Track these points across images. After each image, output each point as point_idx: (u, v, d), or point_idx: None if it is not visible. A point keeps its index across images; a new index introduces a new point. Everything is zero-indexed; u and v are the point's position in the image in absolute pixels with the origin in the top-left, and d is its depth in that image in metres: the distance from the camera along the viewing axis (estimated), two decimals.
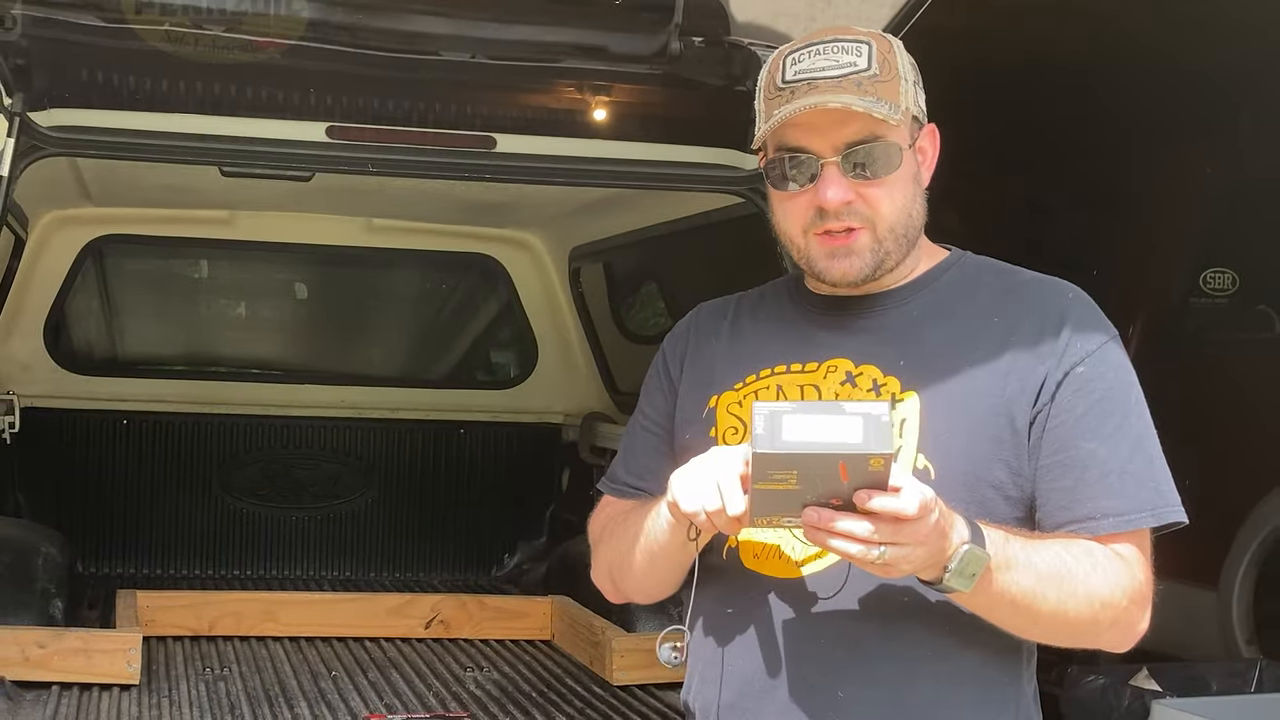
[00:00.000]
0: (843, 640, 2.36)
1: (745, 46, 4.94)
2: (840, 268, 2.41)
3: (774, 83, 2.41)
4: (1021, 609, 2.26)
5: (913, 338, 2.44)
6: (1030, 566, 2.24)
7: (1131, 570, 2.34)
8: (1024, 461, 2.36)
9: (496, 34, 4.86)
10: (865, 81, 2.35)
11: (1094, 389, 2.36)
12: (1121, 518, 2.33)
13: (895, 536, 2.06)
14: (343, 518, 7.14)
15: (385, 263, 7.40)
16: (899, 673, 2.36)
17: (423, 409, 7.25)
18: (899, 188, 2.40)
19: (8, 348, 6.66)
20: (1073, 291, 2.47)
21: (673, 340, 2.71)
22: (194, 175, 5.54)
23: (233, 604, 5.91)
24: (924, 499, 2.06)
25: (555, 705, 4.98)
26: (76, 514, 6.77)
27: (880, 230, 2.40)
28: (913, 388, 2.39)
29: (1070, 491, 2.34)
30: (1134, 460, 2.35)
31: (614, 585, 2.64)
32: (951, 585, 2.17)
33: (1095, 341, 2.39)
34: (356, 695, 5.02)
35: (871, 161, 2.37)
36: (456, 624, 5.98)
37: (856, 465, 2.01)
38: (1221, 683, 5.24)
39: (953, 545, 2.15)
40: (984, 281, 2.51)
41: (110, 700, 4.75)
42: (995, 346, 2.40)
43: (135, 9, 4.55)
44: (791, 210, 2.42)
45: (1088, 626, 2.33)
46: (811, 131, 2.37)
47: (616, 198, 5.89)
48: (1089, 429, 2.34)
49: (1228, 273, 7.91)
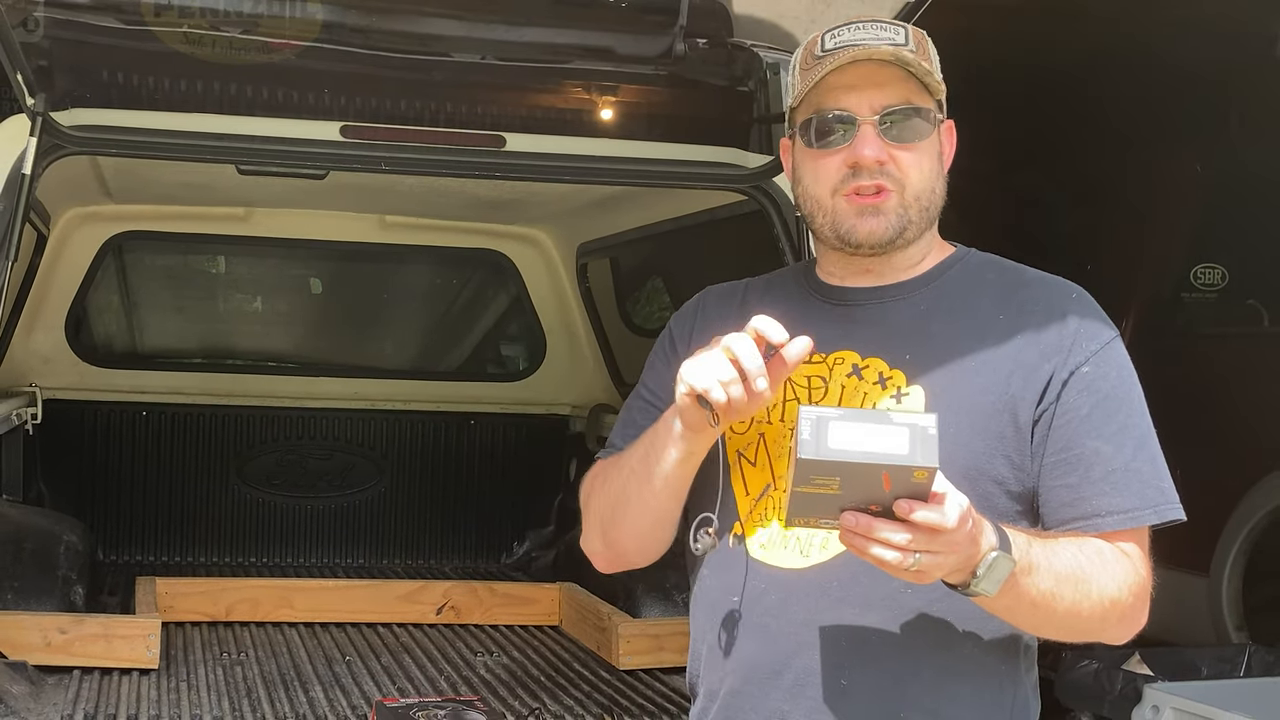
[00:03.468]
0: (846, 629, 2.35)
1: (748, 48, 4.94)
2: (868, 226, 2.40)
3: (811, 54, 2.42)
4: (1040, 610, 2.26)
5: (919, 332, 2.43)
6: (1050, 569, 2.24)
7: (1135, 567, 2.34)
8: (1026, 457, 2.36)
9: (506, 36, 4.87)
10: (905, 54, 2.37)
11: (1098, 388, 2.36)
12: (1126, 515, 2.33)
13: (931, 545, 2.04)
14: (356, 507, 7.14)
15: (397, 258, 7.40)
16: (902, 662, 2.35)
17: (434, 401, 7.25)
18: (928, 159, 2.42)
19: (31, 341, 6.66)
20: (1076, 291, 2.46)
21: (679, 319, 2.70)
22: (211, 173, 5.54)
23: (249, 590, 5.91)
24: (962, 510, 2.04)
25: (563, 689, 4.98)
26: (97, 503, 6.77)
27: (907, 195, 2.40)
28: (918, 382, 2.39)
29: (1074, 489, 2.34)
30: (1137, 458, 2.35)
31: (604, 542, 2.60)
32: (978, 590, 2.15)
33: (1099, 341, 2.39)
34: (370, 679, 5.02)
35: (907, 126, 2.39)
36: (467, 610, 5.98)
37: (900, 476, 1.98)
38: (1211, 667, 5.23)
39: (982, 551, 2.13)
40: (989, 278, 2.51)
41: (130, 684, 4.75)
42: (1000, 343, 2.39)
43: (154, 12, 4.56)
44: (823, 170, 2.42)
45: (1097, 623, 2.34)
46: (851, 93, 2.38)
47: (622, 195, 5.89)
48: (1093, 427, 2.34)
49: (1217, 268, 7.91)
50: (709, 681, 2.51)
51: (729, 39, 4.93)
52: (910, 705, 2.36)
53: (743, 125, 5.21)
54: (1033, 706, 2.49)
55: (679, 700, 4.74)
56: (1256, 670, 5.22)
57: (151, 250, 7.14)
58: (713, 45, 4.94)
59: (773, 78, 5.07)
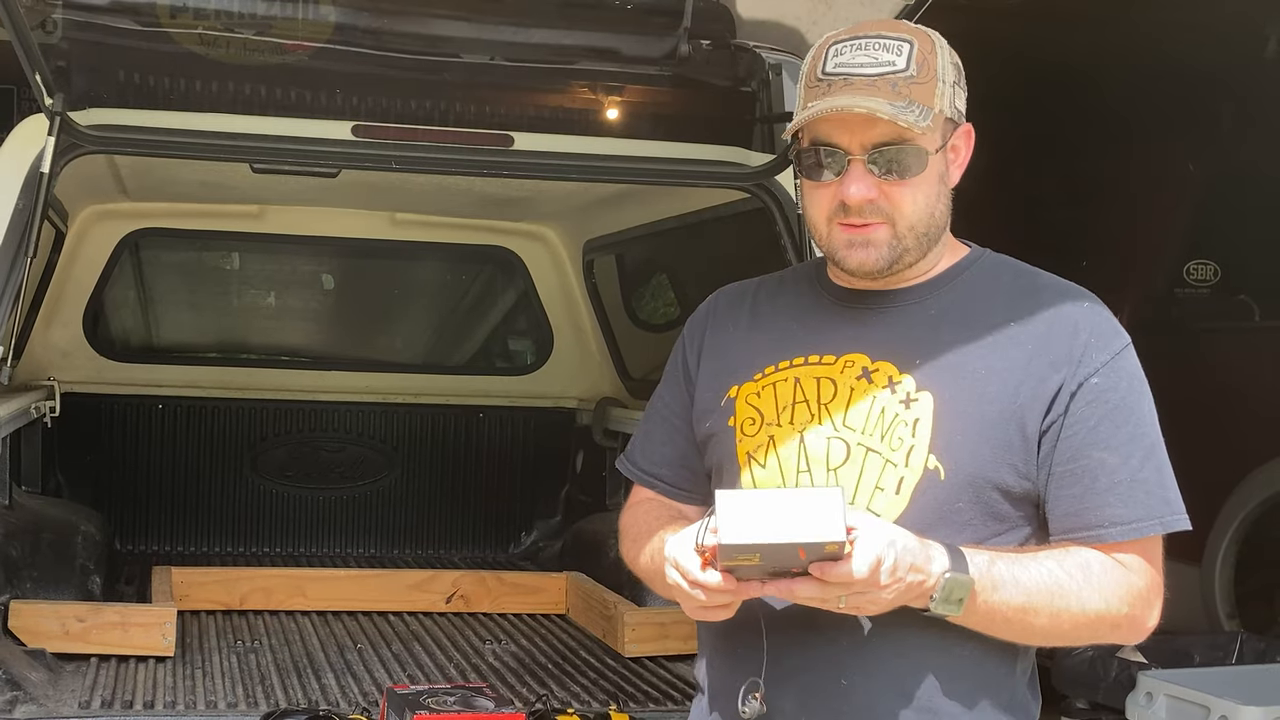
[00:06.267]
0: (847, 631, 2.34)
1: (750, 49, 4.94)
2: (858, 257, 2.38)
3: (815, 72, 2.38)
4: (1015, 624, 2.28)
5: (930, 337, 2.41)
6: (1018, 585, 2.24)
7: (1130, 578, 2.32)
8: (1032, 467, 2.34)
9: (514, 37, 4.87)
10: (901, 83, 2.32)
11: (1108, 399, 2.33)
12: (1130, 526, 2.31)
13: (850, 590, 2.14)
14: (367, 498, 7.14)
15: (408, 255, 7.40)
16: (901, 663, 2.35)
17: (443, 394, 7.24)
18: (922, 189, 2.37)
19: (49, 336, 6.66)
20: (1089, 300, 2.43)
21: (692, 326, 2.69)
22: (226, 172, 5.54)
23: (263, 580, 5.91)
24: (871, 562, 2.10)
25: (569, 676, 4.98)
26: (114, 494, 6.77)
27: (900, 227, 2.37)
28: (927, 388, 2.36)
29: (1079, 499, 2.32)
30: (1144, 469, 2.33)
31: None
32: (939, 612, 2.20)
33: (1110, 351, 2.36)
34: (381, 666, 5.02)
35: (896, 163, 2.34)
36: (476, 599, 5.97)
37: (813, 549, 2.10)
38: (1204, 655, 5.24)
39: (934, 577, 2.18)
40: (1003, 283, 2.48)
41: (146, 671, 4.75)
42: (1010, 351, 2.37)
43: (170, 14, 4.56)
44: (818, 199, 2.40)
45: (1086, 633, 2.35)
46: (842, 128, 2.34)
47: (628, 193, 5.88)
48: (1100, 438, 2.32)
49: (1210, 264, 7.91)
50: (713, 679, 2.52)
51: (732, 40, 4.93)
52: (910, 705, 2.35)
53: (745, 125, 5.21)
54: (1031, 706, 2.48)
55: (683, 687, 4.74)
56: (1248, 658, 5.23)
57: (167, 247, 7.14)
58: (716, 46, 4.94)
59: (774, 78, 5.07)
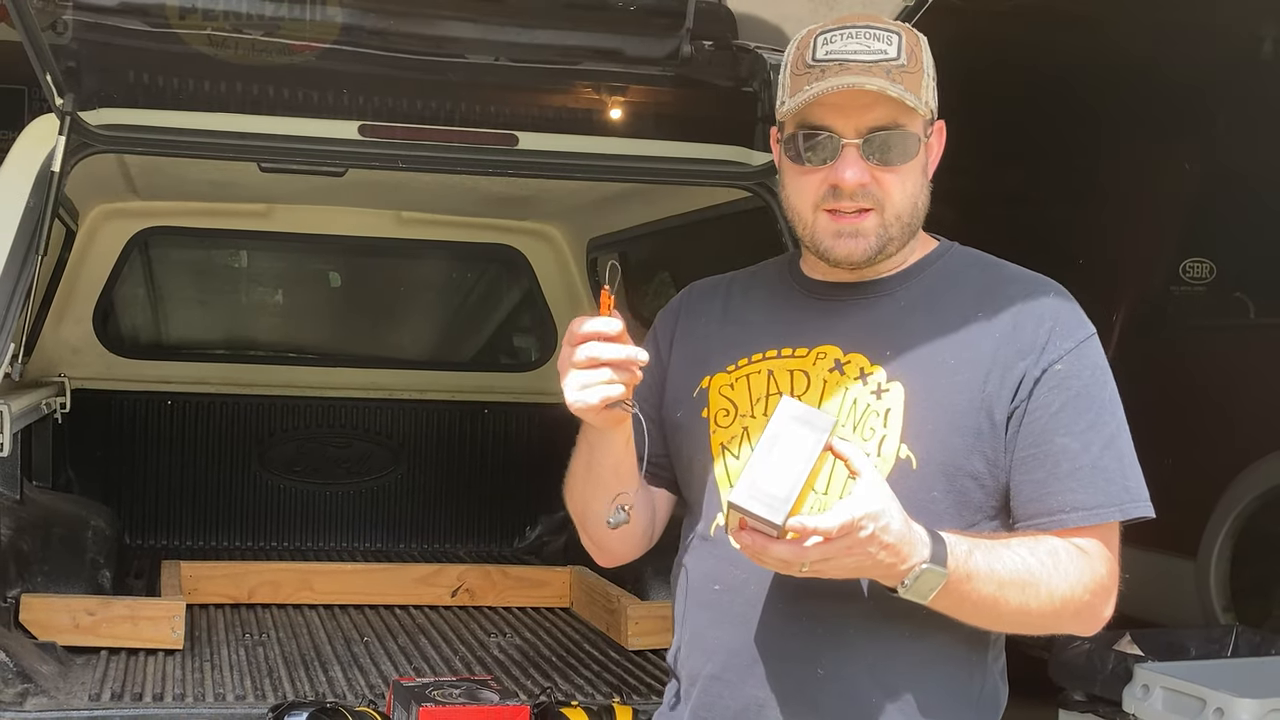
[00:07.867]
0: (824, 619, 2.34)
1: (752, 49, 4.94)
2: (846, 247, 2.38)
3: (803, 59, 2.36)
4: (984, 611, 2.28)
5: (900, 329, 2.41)
6: (992, 575, 2.24)
7: (1093, 565, 2.32)
8: (1001, 454, 2.34)
9: (519, 38, 4.86)
10: (894, 70, 2.31)
11: (1070, 386, 2.33)
12: (1089, 511, 2.31)
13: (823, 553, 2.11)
14: (374, 493, 7.14)
15: (413, 253, 7.40)
16: (877, 651, 2.35)
17: (449, 390, 7.24)
18: (911, 177, 2.37)
19: (60, 333, 6.66)
20: (1054, 289, 2.43)
21: (663, 317, 2.71)
22: (234, 171, 5.54)
23: (271, 574, 5.91)
24: (846, 520, 2.09)
25: (573, 668, 4.99)
26: (124, 489, 6.77)
27: (888, 215, 2.37)
28: (898, 378, 2.36)
29: (1041, 484, 2.33)
30: (1105, 456, 2.33)
31: (593, 543, 2.66)
32: (907, 597, 2.20)
33: (1073, 340, 2.36)
34: (387, 659, 5.03)
35: (891, 148, 2.34)
36: (481, 592, 5.97)
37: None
38: (1200, 648, 5.23)
39: (910, 563, 2.17)
40: (970, 275, 2.48)
41: (155, 664, 4.75)
42: (978, 341, 2.37)
43: (179, 15, 4.56)
44: (805, 185, 2.38)
45: (1049, 620, 2.33)
46: (837, 112, 2.33)
47: (631, 192, 5.88)
48: (1062, 424, 2.32)
49: (1205, 262, 7.91)
50: (689, 666, 2.51)
51: (734, 41, 4.93)
52: (884, 693, 2.35)
53: (747, 124, 5.20)
54: (1001, 693, 2.48)
55: None
56: (1243, 651, 5.21)
57: (176, 245, 7.14)
58: (718, 47, 4.94)
59: (775, 78, 5.07)
